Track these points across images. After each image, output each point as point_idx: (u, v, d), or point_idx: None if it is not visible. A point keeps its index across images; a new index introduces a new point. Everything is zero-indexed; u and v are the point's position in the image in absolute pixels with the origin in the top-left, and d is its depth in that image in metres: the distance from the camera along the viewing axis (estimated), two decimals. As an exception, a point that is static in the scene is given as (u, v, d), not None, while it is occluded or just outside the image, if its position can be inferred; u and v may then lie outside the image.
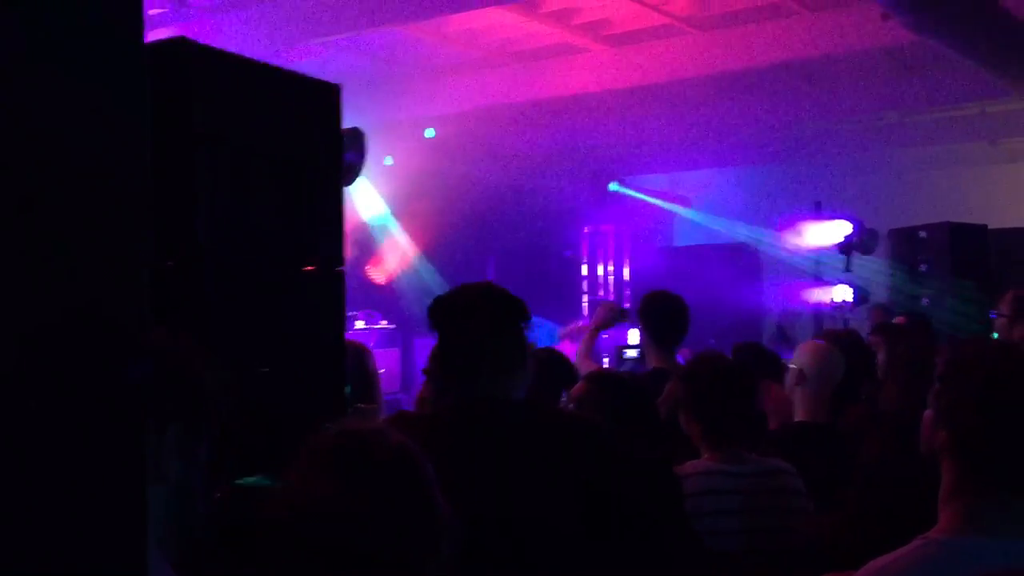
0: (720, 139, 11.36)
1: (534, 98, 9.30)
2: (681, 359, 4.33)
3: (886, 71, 9.18)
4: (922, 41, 6.87)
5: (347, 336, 2.99)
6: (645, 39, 8.57)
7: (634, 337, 7.35)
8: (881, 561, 1.65)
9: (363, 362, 3.48)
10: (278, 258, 2.67)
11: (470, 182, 10.59)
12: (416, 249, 10.63)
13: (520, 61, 9.14)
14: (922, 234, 7.89)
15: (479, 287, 2.43)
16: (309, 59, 8.19)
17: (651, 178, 13.11)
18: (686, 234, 13.40)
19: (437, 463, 1.47)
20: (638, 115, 10.34)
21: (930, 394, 1.76)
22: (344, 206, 2.89)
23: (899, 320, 6.88)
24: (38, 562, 0.79)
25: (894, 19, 6.47)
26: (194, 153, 2.43)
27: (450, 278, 8.98)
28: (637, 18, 8.22)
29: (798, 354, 3.57)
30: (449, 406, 2.28)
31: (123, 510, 0.84)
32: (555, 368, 3.62)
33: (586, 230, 12.88)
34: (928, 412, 1.76)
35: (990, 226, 8.23)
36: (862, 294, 9.36)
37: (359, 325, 9.34)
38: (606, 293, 12.72)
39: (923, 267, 7.79)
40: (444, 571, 1.42)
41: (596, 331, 4.96)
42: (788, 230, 10.03)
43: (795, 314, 10.72)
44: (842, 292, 9.35)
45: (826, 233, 9.39)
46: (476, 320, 2.26)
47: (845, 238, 9.17)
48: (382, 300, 10.23)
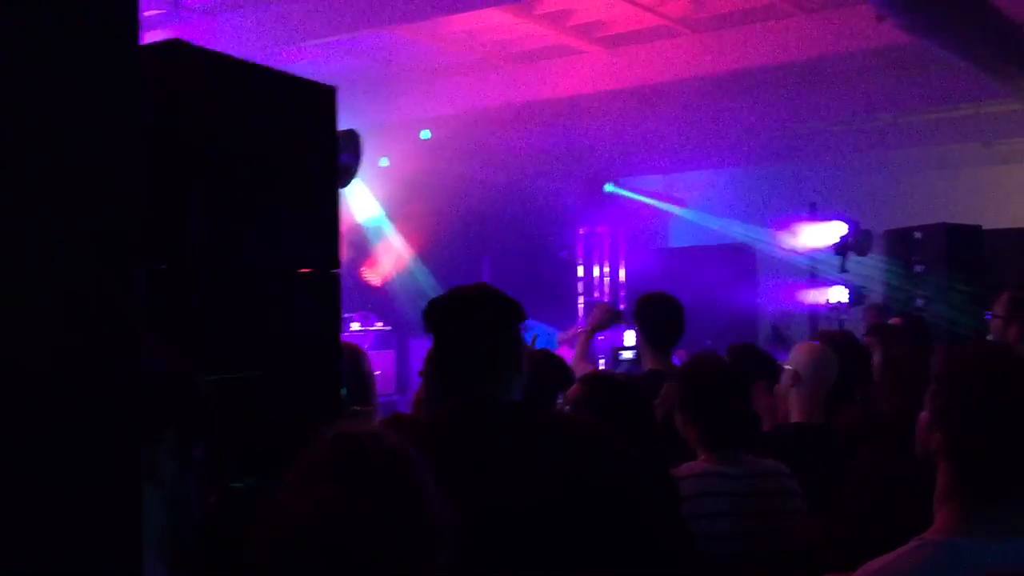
0: (715, 140, 11.37)
1: (529, 99, 9.30)
2: (677, 361, 4.33)
3: (881, 72, 9.20)
4: (916, 42, 6.88)
5: (342, 338, 2.98)
6: (640, 41, 8.57)
7: (630, 339, 7.35)
8: (878, 563, 1.65)
9: (359, 364, 3.47)
10: (273, 260, 2.67)
11: (465, 184, 10.59)
12: (411, 251, 10.63)
13: (515, 63, 9.14)
14: (917, 235, 7.91)
15: (474, 289, 2.42)
16: (304, 61, 8.19)
17: (647, 179, 13.11)
18: (682, 235, 13.42)
19: (434, 466, 1.47)
20: (633, 116, 10.35)
21: (925, 395, 1.76)
22: (339, 208, 2.89)
23: (894, 321, 6.88)
24: (34, 566, 0.79)
25: (888, 20, 6.48)
26: (189, 155, 2.43)
27: (445, 280, 8.97)
28: (632, 20, 8.22)
29: (793, 355, 3.57)
30: (446, 408, 2.27)
31: (118, 513, 0.84)
32: (551, 370, 3.62)
33: (582, 231, 12.88)
34: (923, 413, 1.76)
35: (985, 227, 8.26)
36: (857, 295, 9.38)
37: (354, 327, 9.33)
38: (601, 294, 12.72)
39: (918, 268, 7.80)
40: (442, 574, 1.41)
41: (591, 333, 4.96)
42: (783, 231, 10.05)
43: (790, 315, 10.73)
44: (837, 293, 9.37)
45: (821, 234, 9.41)
46: (472, 322, 2.26)
47: (840, 239, 9.19)
48: (377, 302, 10.23)
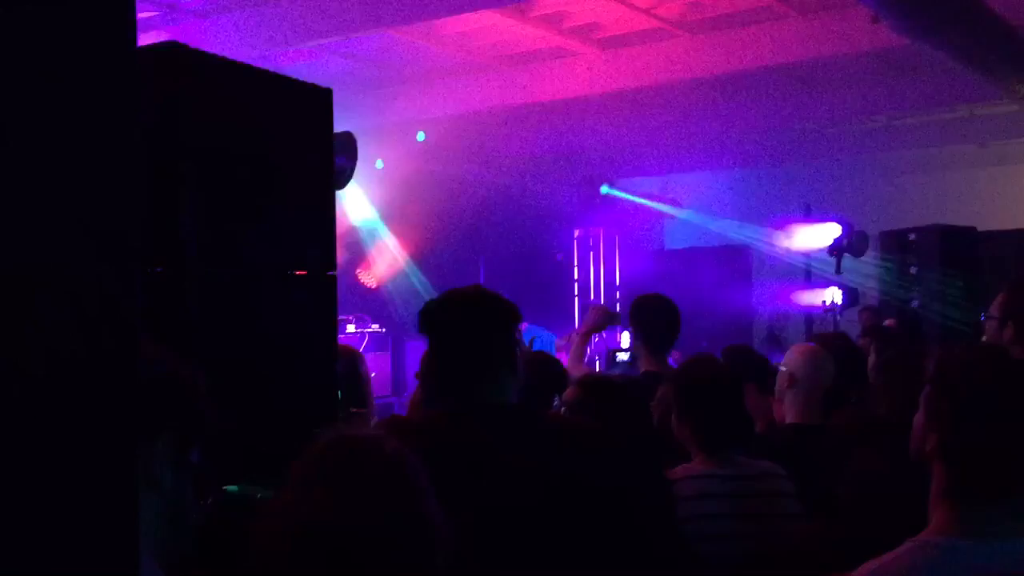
0: (711, 142, 11.39)
1: (525, 101, 9.30)
2: (673, 362, 4.33)
3: (876, 74, 9.22)
4: (912, 44, 6.89)
5: (338, 340, 2.99)
6: (636, 42, 8.58)
7: (626, 340, 7.36)
8: (874, 563, 1.65)
9: (355, 366, 3.48)
10: (269, 262, 2.67)
11: (461, 185, 10.58)
12: (407, 253, 10.62)
13: (511, 65, 9.14)
14: (912, 236, 7.91)
15: (470, 291, 2.43)
16: (300, 63, 8.19)
17: (642, 181, 13.12)
18: (677, 237, 13.43)
19: (431, 469, 1.47)
20: (629, 118, 10.36)
21: (920, 397, 1.77)
22: (335, 210, 2.89)
23: (889, 322, 6.90)
24: (31, 568, 0.78)
25: (884, 22, 6.50)
26: (185, 158, 2.42)
27: (441, 282, 8.97)
28: (628, 22, 8.23)
29: (789, 357, 3.58)
30: (442, 411, 2.27)
31: (115, 517, 0.84)
32: (547, 372, 3.62)
33: (577, 233, 12.88)
34: (918, 415, 1.76)
35: (979, 228, 8.27)
36: (853, 296, 9.39)
37: (350, 329, 9.33)
38: (597, 296, 12.72)
39: (913, 269, 7.81)
40: (438, 576, 1.41)
41: (587, 335, 4.95)
42: (779, 232, 10.07)
43: (786, 316, 10.75)
44: (832, 294, 9.38)
45: (816, 235, 9.43)
46: (467, 324, 2.26)
47: (835, 240, 9.20)
48: (373, 304, 10.22)
